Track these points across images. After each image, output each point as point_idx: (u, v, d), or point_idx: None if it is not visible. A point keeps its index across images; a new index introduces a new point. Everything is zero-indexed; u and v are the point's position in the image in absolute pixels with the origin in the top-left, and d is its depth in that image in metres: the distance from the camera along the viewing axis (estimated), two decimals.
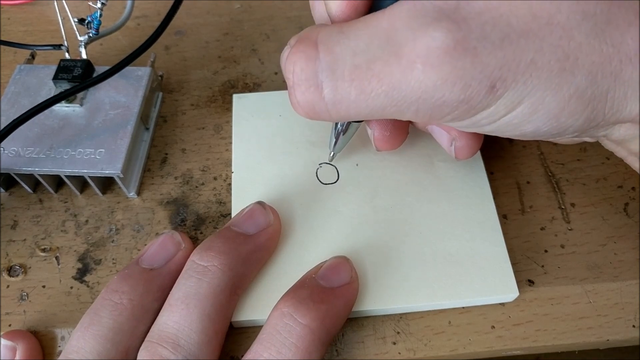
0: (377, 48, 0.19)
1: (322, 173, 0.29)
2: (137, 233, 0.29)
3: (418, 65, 0.19)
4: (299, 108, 0.21)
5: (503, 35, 0.18)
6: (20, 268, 0.28)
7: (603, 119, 0.20)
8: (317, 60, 0.20)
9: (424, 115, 0.21)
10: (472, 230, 0.27)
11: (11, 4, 0.39)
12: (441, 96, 0.19)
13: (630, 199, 0.30)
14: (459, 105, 0.20)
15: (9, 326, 0.26)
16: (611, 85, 0.19)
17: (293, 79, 0.21)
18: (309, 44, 0.20)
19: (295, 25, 0.38)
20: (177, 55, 0.37)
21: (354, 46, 0.20)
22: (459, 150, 0.26)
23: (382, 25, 0.19)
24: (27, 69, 0.32)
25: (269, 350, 0.22)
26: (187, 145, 0.32)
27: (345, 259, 0.25)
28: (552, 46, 0.19)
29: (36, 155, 0.28)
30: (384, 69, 0.19)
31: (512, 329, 0.26)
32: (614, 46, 0.19)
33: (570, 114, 0.20)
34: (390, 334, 0.26)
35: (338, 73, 0.20)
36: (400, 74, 0.19)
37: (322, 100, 0.20)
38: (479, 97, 0.19)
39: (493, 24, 0.18)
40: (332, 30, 0.20)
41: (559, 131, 0.21)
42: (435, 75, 0.19)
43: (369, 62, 0.19)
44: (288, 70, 0.21)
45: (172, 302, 0.23)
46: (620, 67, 0.19)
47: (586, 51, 0.19)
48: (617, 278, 0.27)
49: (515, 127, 0.21)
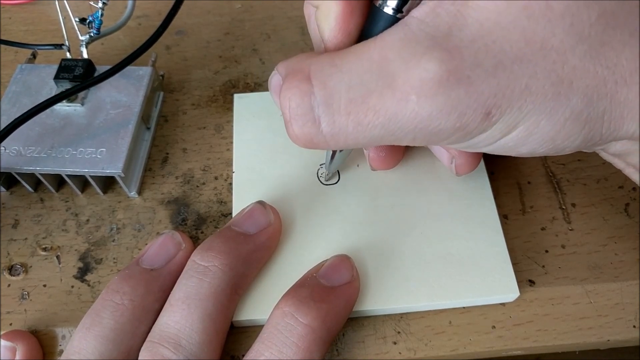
0: (370, 81, 0.19)
1: (323, 174, 0.29)
2: (138, 232, 0.29)
3: (412, 97, 0.19)
4: (297, 140, 0.21)
5: (496, 62, 0.18)
6: (21, 267, 0.28)
7: (600, 139, 0.20)
8: (312, 95, 0.20)
9: (421, 141, 0.21)
10: (473, 230, 0.27)
11: (12, 4, 0.39)
12: (437, 125, 0.19)
13: (631, 199, 0.30)
14: (455, 132, 0.20)
15: (9, 325, 0.26)
16: (607, 107, 0.19)
17: (289, 114, 0.21)
18: (302, 78, 0.20)
19: (296, 25, 0.38)
20: (178, 55, 0.37)
21: (348, 80, 0.20)
22: (459, 167, 0.26)
23: (374, 56, 0.19)
24: (28, 68, 0.32)
25: (270, 349, 0.22)
26: (188, 145, 0.32)
27: (346, 258, 0.26)
28: (546, 71, 0.18)
29: (37, 154, 0.28)
30: (379, 102, 0.19)
31: (512, 329, 0.26)
32: (609, 68, 0.18)
33: (567, 136, 0.20)
34: (390, 333, 0.26)
35: (334, 107, 0.20)
36: (396, 106, 0.19)
37: (320, 133, 0.21)
38: (474, 124, 0.19)
39: (486, 51, 0.18)
40: (324, 63, 0.20)
41: (556, 152, 0.21)
42: (429, 106, 0.19)
43: (364, 95, 0.19)
44: (284, 105, 0.21)
45: (173, 302, 0.23)
46: (615, 88, 0.19)
47: (581, 74, 0.18)
48: (617, 278, 0.27)
49: (511, 149, 0.21)
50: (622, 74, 0.18)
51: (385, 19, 0.20)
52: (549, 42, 0.18)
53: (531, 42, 0.18)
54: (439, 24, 0.19)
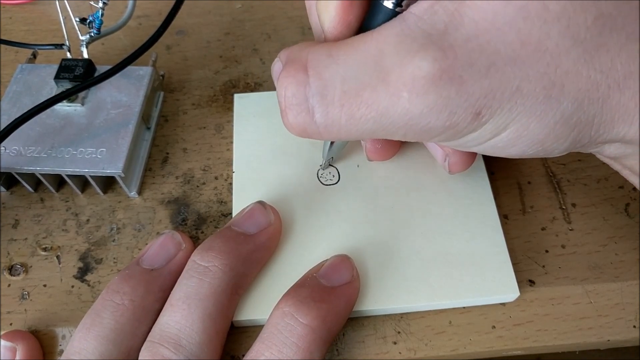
0: (365, 74, 0.19)
1: (322, 174, 0.29)
2: (138, 232, 0.29)
3: (404, 93, 0.19)
4: (291, 129, 0.22)
5: (489, 63, 0.18)
6: (22, 267, 0.28)
7: (589, 141, 0.20)
8: (307, 85, 0.20)
9: (412, 138, 0.21)
10: (473, 230, 0.27)
11: (13, 4, 0.39)
12: (427, 123, 0.19)
13: (631, 199, 0.30)
14: (445, 131, 0.20)
15: (10, 325, 0.26)
16: (597, 111, 0.19)
17: (285, 103, 0.21)
18: (299, 67, 0.20)
19: (296, 24, 0.38)
20: (179, 54, 0.37)
21: (343, 72, 0.20)
22: (452, 166, 0.26)
23: (371, 50, 0.19)
24: (28, 68, 0.32)
25: (270, 349, 0.22)
26: (188, 145, 0.32)
27: (346, 258, 0.26)
28: (539, 73, 0.18)
29: (37, 154, 0.28)
30: (372, 96, 0.19)
31: (512, 329, 0.26)
32: (602, 72, 0.18)
33: (555, 139, 0.20)
34: (390, 333, 0.26)
35: (328, 99, 0.20)
36: (388, 101, 0.19)
37: (314, 123, 0.21)
38: (464, 124, 0.19)
39: (480, 51, 0.18)
40: (321, 53, 0.20)
41: (545, 154, 0.21)
42: (421, 104, 0.19)
43: (358, 88, 0.20)
44: (280, 94, 0.21)
45: (173, 302, 0.23)
46: (608, 93, 0.19)
47: (573, 78, 0.18)
48: (617, 278, 0.27)
49: (501, 150, 0.21)
50: (616, 78, 0.18)
51: (384, 12, 0.20)
52: (543, 45, 0.18)
53: (526, 43, 0.18)
54: (435, 22, 0.19)
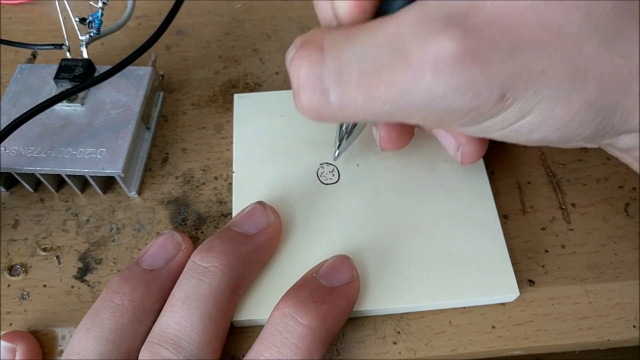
0: (384, 54, 0.19)
1: (322, 173, 0.29)
2: (138, 232, 0.29)
3: (427, 73, 0.18)
4: (304, 111, 0.21)
5: (514, 45, 0.18)
6: (21, 267, 0.28)
7: (612, 129, 0.20)
8: (323, 65, 0.20)
9: (433, 121, 0.21)
10: (473, 230, 0.27)
11: (12, 4, 0.39)
12: (450, 104, 0.19)
13: (631, 199, 0.30)
14: (469, 113, 0.19)
15: (9, 325, 0.26)
16: (621, 97, 0.19)
17: (298, 83, 0.20)
18: (314, 48, 0.20)
19: (296, 25, 0.38)
20: (178, 55, 0.37)
21: (361, 52, 0.19)
22: (465, 156, 0.26)
23: (390, 30, 0.19)
24: (28, 68, 0.32)
25: (270, 350, 0.22)
26: (188, 145, 0.32)
27: (346, 258, 0.25)
28: (563, 57, 0.18)
29: (37, 154, 0.28)
30: (392, 76, 0.19)
31: (512, 329, 0.26)
32: (625, 57, 0.18)
33: (580, 124, 0.20)
34: (390, 333, 0.26)
35: (345, 79, 0.20)
36: (409, 82, 0.19)
37: (329, 104, 0.20)
38: (489, 106, 0.19)
39: (503, 32, 0.18)
40: (338, 36, 0.20)
41: (568, 140, 0.21)
42: (444, 84, 0.18)
43: (377, 69, 0.19)
44: (293, 73, 0.20)
45: (173, 302, 0.23)
46: (630, 78, 0.19)
47: (597, 63, 0.18)
48: (617, 278, 0.27)
49: (523, 135, 0.21)
50: (637, 64, 0.18)
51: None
52: (565, 29, 0.18)
53: (549, 28, 0.18)
54: (456, 5, 0.18)
